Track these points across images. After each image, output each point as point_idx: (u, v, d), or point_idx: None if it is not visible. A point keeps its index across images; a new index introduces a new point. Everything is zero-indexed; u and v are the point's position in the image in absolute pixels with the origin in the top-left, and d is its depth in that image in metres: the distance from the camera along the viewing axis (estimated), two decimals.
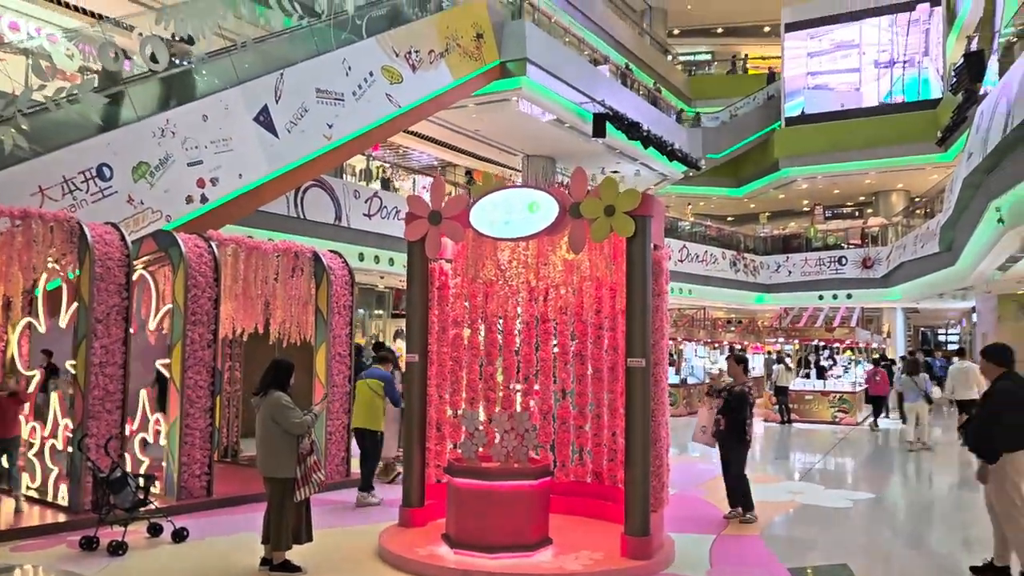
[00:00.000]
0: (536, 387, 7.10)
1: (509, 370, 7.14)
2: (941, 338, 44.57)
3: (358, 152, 17.69)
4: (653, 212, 5.91)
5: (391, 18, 17.27)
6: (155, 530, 6.51)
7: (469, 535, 5.65)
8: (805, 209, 34.54)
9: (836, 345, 22.17)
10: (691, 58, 39.04)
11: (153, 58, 12.52)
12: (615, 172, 28.42)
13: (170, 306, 7.75)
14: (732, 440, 7.76)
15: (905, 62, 27.20)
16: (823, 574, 6.15)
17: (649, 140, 24.59)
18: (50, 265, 7.26)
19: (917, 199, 29.79)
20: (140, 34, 13.27)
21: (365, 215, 18.49)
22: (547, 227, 6.05)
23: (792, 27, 29.28)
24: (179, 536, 6.44)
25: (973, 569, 6.18)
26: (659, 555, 5.81)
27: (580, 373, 6.97)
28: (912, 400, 14.11)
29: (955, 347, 40.79)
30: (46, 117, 11.35)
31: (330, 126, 15.11)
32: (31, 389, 7.91)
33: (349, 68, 15.65)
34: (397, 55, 16.95)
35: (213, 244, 7.94)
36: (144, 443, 7.80)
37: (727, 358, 8.24)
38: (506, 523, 5.58)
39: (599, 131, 22.27)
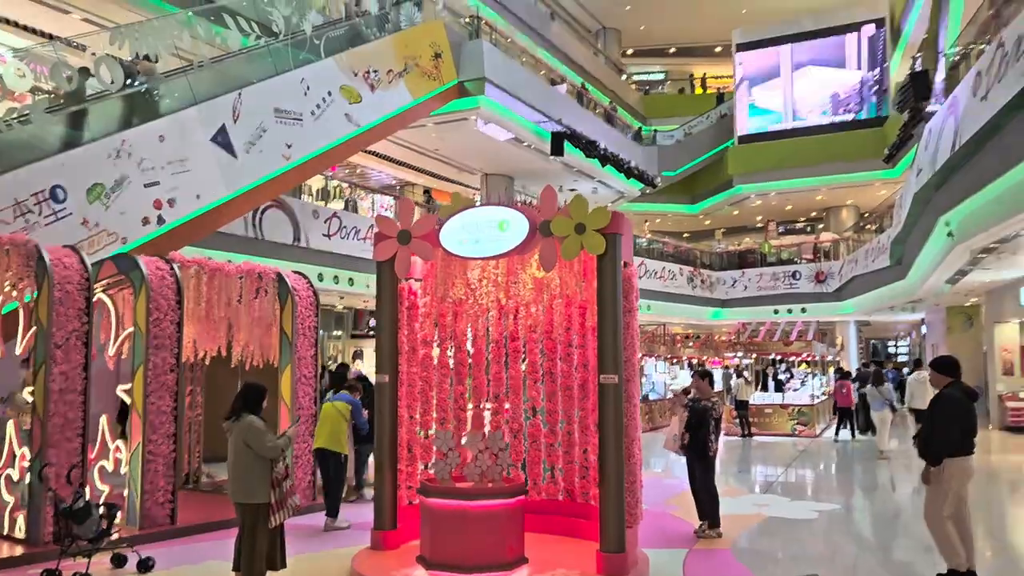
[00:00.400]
0: (507, 405, 7.09)
1: (479, 389, 7.12)
2: (891, 350, 45.64)
3: (318, 172, 17.60)
4: (622, 230, 5.98)
5: (349, 38, 17.26)
6: (119, 561, 6.32)
7: (445, 556, 5.59)
8: (759, 225, 35.16)
9: (792, 358, 22.53)
10: (645, 77, 39.62)
11: (107, 78, 12.38)
12: (572, 190, 28.62)
13: (131, 330, 7.58)
14: (695, 455, 7.84)
15: (858, 82, 27.93)
16: None
17: (606, 158, 24.86)
18: (6, 289, 7.06)
19: (867, 214, 30.54)
20: (93, 54, 13.08)
21: (324, 235, 18.38)
22: (517, 246, 6.08)
23: (743, 47, 29.92)
24: (144, 566, 6.26)
25: None
26: (634, 572, 5.82)
27: (550, 391, 6.98)
28: (878, 409, 14.53)
29: (904, 359, 41.81)
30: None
31: (289, 146, 15.03)
32: None
33: (308, 88, 15.58)
34: (356, 75, 16.94)
35: (175, 267, 7.80)
36: (103, 471, 7.59)
37: (692, 374, 8.32)
38: (482, 543, 5.55)
39: (557, 150, 22.47)
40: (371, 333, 23.07)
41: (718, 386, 24.49)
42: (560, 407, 6.95)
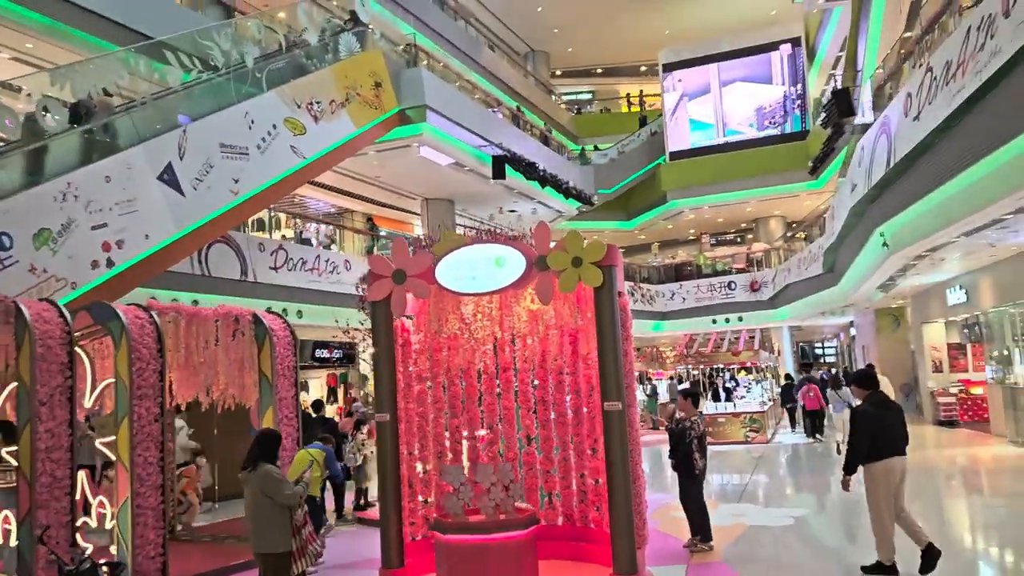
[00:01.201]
0: (501, 436, 7.23)
1: (474, 420, 7.25)
2: (818, 351, 47.36)
3: (266, 206, 17.48)
4: (616, 261, 6.22)
5: (291, 70, 17.24)
6: None
7: None
8: (691, 238, 36.13)
9: (734, 367, 23.21)
10: (573, 97, 40.39)
11: (49, 120, 12.11)
12: (512, 211, 29.00)
13: (109, 381, 7.45)
14: (681, 473, 8.11)
15: (780, 98, 29.09)
16: None
17: (545, 179, 25.29)
18: None
19: (795, 224, 31.74)
20: (28, 95, 12.77)
21: (271, 268, 18.17)
22: (515, 281, 6.26)
23: (669, 67, 30.85)
24: None
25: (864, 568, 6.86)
26: None
27: (544, 419, 7.15)
28: (838, 410, 15.26)
29: (832, 359, 43.38)
30: None
31: (236, 181, 14.88)
32: None
33: (252, 122, 15.49)
34: (299, 106, 16.89)
35: (154, 314, 7.70)
36: (85, 528, 7.41)
37: (678, 393, 8.56)
38: (503, 574, 5.67)
39: (499, 173, 22.77)
40: (315, 364, 22.80)
41: (663, 397, 25.05)
42: (554, 434, 7.13)
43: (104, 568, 5.90)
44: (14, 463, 7.37)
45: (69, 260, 11.65)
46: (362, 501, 11.14)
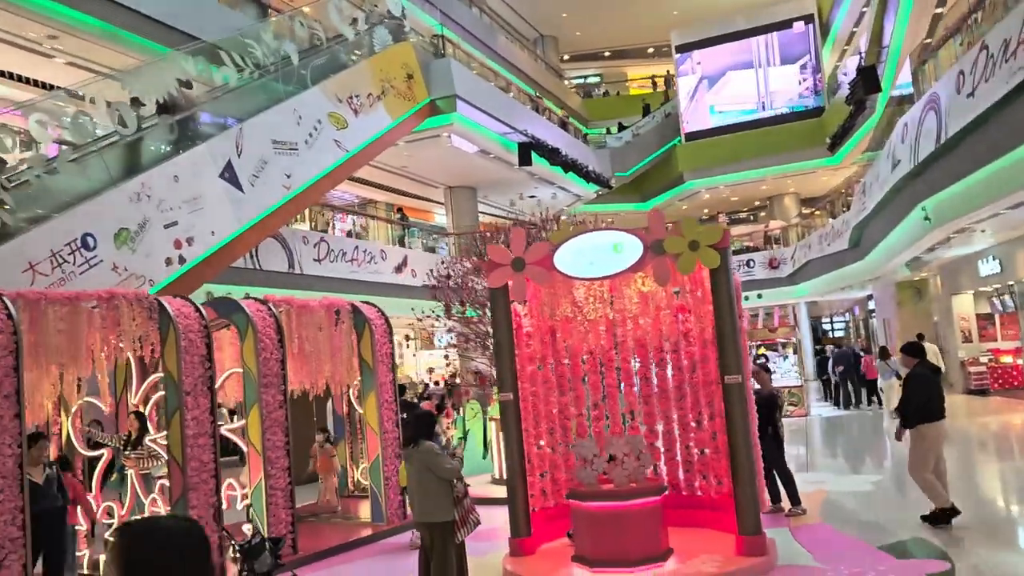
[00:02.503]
0: (606, 412, 7.65)
1: (580, 399, 7.68)
2: (826, 326, 47.86)
3: (314, 201, 17.85)
4: (728, 243, 6.63)
5: (330, 65, 17.54)
6: None
7: (606, 554, 6.12)
8: (704, 217, 36.51)
9: (759, 343, 23.68)
10: (581, 80, 40.63)
11: (122, 122, 12.46)
12: (532, 196, 29.33)
13: (232, 371, 7.86)
14: (766, 440, 8.55)
15: (796, 75, 29.42)
16: (915, 546, 6.92)
17: (568, 165, 25.65)
18: (133, 344, 7.25)
19: (810, 200, 32.10)
20: (91, 100, 13.11)
21: (315, 260, 18.55)
22: (632, 265, 6.66)
23: (682, 48, 31.13)
24: None
25: (923, 518, 7.60)
26: (771, 551, 6.47)
27: (647, 394, 7.58)
28: (887, 378, 15.83)
29: (840, 334, 43.92)
30: (27, 191, 11.11)
31: (288, 176, 15.26)
32: (98, 468, 7.82)
33: (300, 117, 15.84)
34: (340, 101, 17.23)
35: (271, 306, 8.10)
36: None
37: (753, 370, 8.98)
38: (640, 538, 6.10)
39: (525, 160, 23.10)
40: None
41: None
42: (657, 408, 7.56)
43: (268, 543, 6.33)
44: (156, 450, 7.83)
45: (146, 258, 12.05)
46: None
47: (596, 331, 7.52)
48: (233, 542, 6.23)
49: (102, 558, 7.71)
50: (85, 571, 7.63)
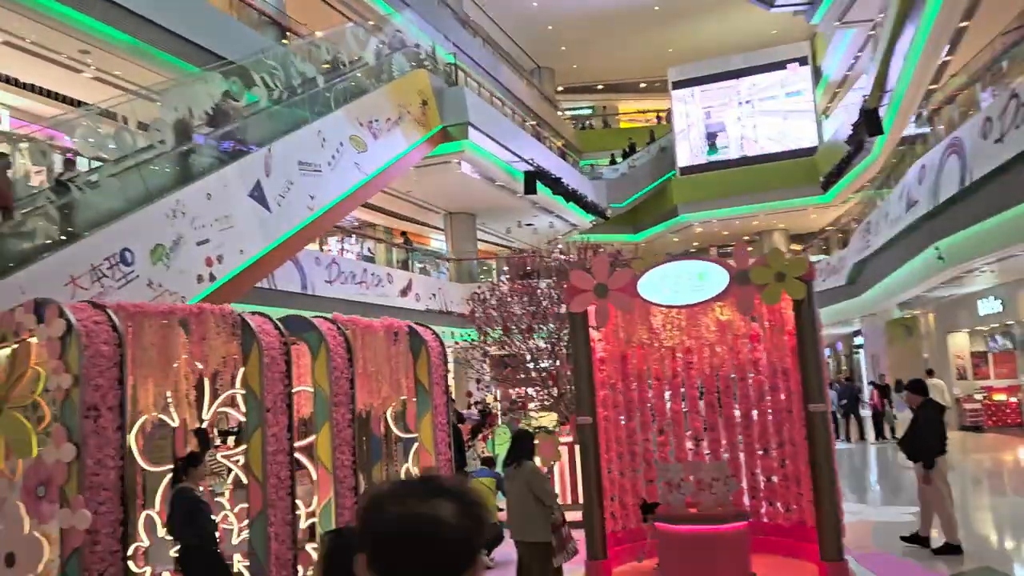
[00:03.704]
0: (671, 438, 7.80)
1: (646, 424, 7.82)
2: None
3: (334, 223, 17.92)
4: (815, 276, 6.85)
5: (352, 89, 17.72)
6: None
7: None
8: (692, 250, 37.01)
9: None
10: (575, 113, 41.21)
11: (161, 139, 12.51)
12: (530, 225, 29.63)
13: (299, 388, 7.86)
14: None
15: (789, 114, 30.17)
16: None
17: (569, 194, 25.97)
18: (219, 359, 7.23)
19: (806, 237, 32.74)
20: (124, 119, 13.14)
21: (327, 281, 18.54)
22: (717, 294, 6.86)
23: (679, 84, 31.79)
24: None
25: (902, 538, 8.24)
26: None
27: (712, 422, 7.75)
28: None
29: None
30: (69, 204, 11.09)
31: (312, 197, 15.36)
32: (163, 485, 7.77)
33: (324, 140, 15.98)
34: (361, 124, 17.41)
35: (340, 326, 8.13)
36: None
37: None
38: (731, 563, 6.23)
39: (530, 188, 23.33)
40: None
41: None
42: (722, 436, 7.73)
43: None
44: (229, 466, 7.79)
45: (180, 275, 12.05)
46: None
47: (671, 358, 7.69)
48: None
49: (166, 574, 7.65)
50: None
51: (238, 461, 7.55)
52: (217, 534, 6.51)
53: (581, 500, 11.26)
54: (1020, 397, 18.35)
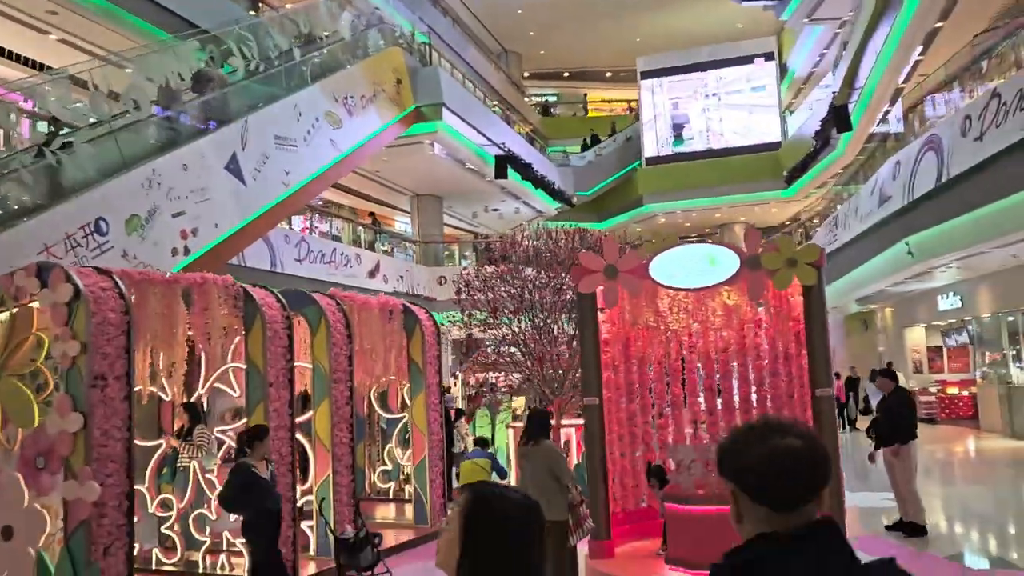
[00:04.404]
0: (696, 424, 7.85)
1: (646, 407, 7.84)
2: None
3: (308, 200, 17.59)
4: (824, 263, 6.92)
5: (328, 64, 17.40)
6: None
7: (709, 558, 6.23)
8: (653, 241, 37.31)
9: None
10: (539, 99, 41.14)
11: (136, 105, 12.11)
12: (496, 210, 29.52)
13: (297, 365, 7.70)
14: None
15: (754, 108, 30.53)
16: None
17: (538, 181, 25.95)
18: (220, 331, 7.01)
19: (767, 231, 33.21)
20: (94, 87, 12.69)
21: (296, 260, 18.22)
22: (727, 278, 6.89)
23: (647, 75, 31.94)
24: None
25: (888, 527, 8.46)
26: None
27: (711, 406, 7.80)
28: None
29: None
30: (43, 170, 10.68)
31: (287, 172, 15.08)
32: (152, 461, 7.53)
33: (300, 114, 15.67)
34: (336, 100, 17.12)
35: (339, 302, 7.98)
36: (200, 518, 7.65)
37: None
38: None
39: (501, 173, 23.24)
40: None
41: None
42: (721, 419, 7.78)
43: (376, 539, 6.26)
44: (204, 442, 7.58)
45: (154, 247, 11.71)
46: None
47: (676, 341, 7.71)
48: (338, 536, 6.13)
49: (156, 551, 7.45)
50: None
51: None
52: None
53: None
54: (973, 391, 18.93)
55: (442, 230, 27.38)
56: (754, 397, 7.72)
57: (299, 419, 7.45)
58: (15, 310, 5.70)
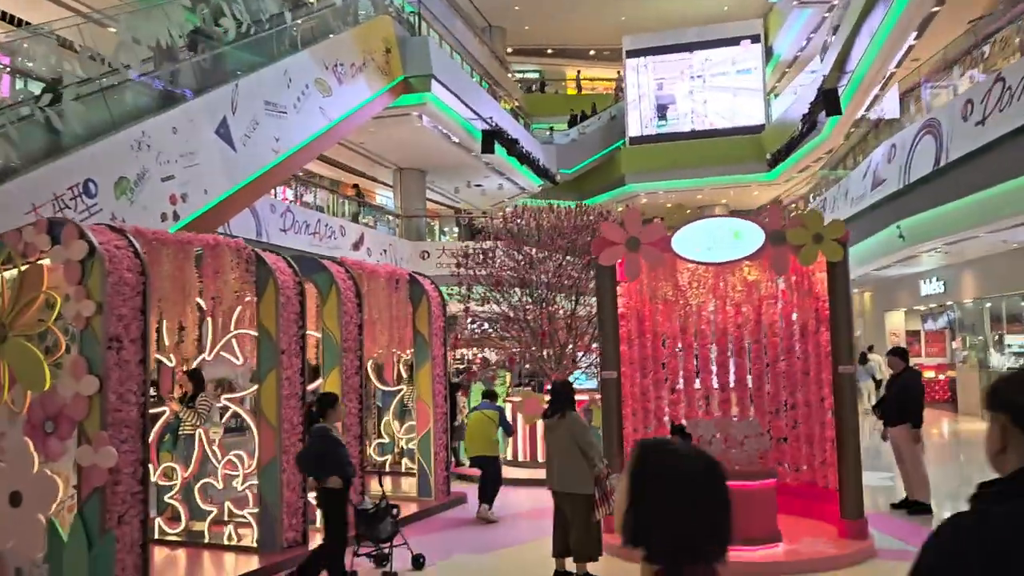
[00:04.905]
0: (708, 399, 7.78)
1: (659, 382, 7.76)
2: None
3: (297, 169, 17.27)
4: (850, 239, 6.86)
5: (319, 29, 17.04)
6: (382, 561, 6.36)
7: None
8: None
9: None
10: (522, 76, 40.80)
11: (124, 62, 11.73)
12: (479, 186, 29.27)
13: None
14: None
15: (740, 91, 30.51)
16: None
17: (524, 157, 25.73)
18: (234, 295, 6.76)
19: (747, 213, 33.34)
20: (80, 47, 12.26)
21: (281, 230, 17.92)
22: (751, 253, 6.80)
23: (632, 54, 31.77)
24: (418, 563, 6.38)
25: (893, 505, 8.39)
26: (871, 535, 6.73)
27: (723, 382, 7.75)
28: (862, 379, 16.68)
29: None
30: (31, 127, 10.30)
31: (277, 140, 14.81)
32: (155, 429, 7.28)
33: (290, 80, 15.34)
34: (327, 67, 16.78)
35: (349, 269, 7.76)
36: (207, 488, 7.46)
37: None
38: (761, 519, 6.23)
39: (488, 148, 22.96)
40: None
41: None
42: (732, 396, 7.74)
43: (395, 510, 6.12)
44: (205, 409, 7.38)
45: (143, 211, 11.40)
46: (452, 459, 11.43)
47: (694, 315, 7.63)
48: (357, 506, 5.98)
49: (159, 520, 7.24)
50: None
51: (243, 404, 7.16)
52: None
53: None
54: (951, 375, 19.19)
55: (424, 204, 27.09)
56: (767, 375, 7.68)
57: (309, 387, 7.26)
58: (24, 267, 5.43)
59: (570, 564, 5.95)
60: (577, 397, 11.63)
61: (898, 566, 6.19)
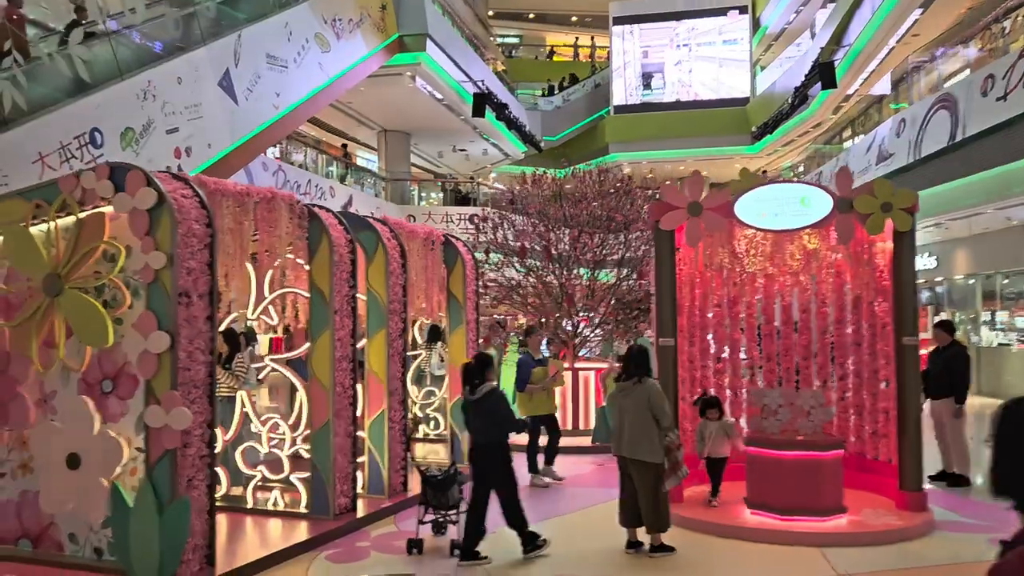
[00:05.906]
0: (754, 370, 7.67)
1: (706, 351, 7.65)
2: None
3: (295, 126, 16.80)
4: (919, 209, 6.75)
5: None
6: (440, 528, 6.16)
7: (796, 503, 6.10)
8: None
9: None
10: (502, 40, 40.19)
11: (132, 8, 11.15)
12: (463, 150, 28.86)
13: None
14: None
15: (725, 62, 30.38)
16: None
17: (512, 122, 25.38)
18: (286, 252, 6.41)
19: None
20: None
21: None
22: (818, 220, 6.67)
23: (619, 20, 31.40)
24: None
25: (930, 477, 8.14)
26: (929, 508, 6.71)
27: (769, 352, 7.66)
28: None
29: None
30: (37, 73, 9.75)
31: (278, 95, 14.41)
32: None
33: (291, 33, 14.89)
34: (326, 22, 16.31)
35: (393, 229, 7.46)
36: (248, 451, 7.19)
37: None
38: (828, 489, 6.17)
39: (479, 111, 22.63)
40: None
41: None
42: (779, 365, 7.66)
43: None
44: (242, 371, 7.07)
45: (149, 164, 10.85)
46: None
47: (750, 284, 7.51)
48: (426, 472, 5.76)
49: None
50: None
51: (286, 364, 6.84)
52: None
53: (582, 426, 11.19)
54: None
55: (409, 167, 26.64)
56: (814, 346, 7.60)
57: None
58: (82, 215, 5.06)
59: (641, 534, 5.83)
60: (596, 365, 11.69)
61: (965, 537, 6.21)
